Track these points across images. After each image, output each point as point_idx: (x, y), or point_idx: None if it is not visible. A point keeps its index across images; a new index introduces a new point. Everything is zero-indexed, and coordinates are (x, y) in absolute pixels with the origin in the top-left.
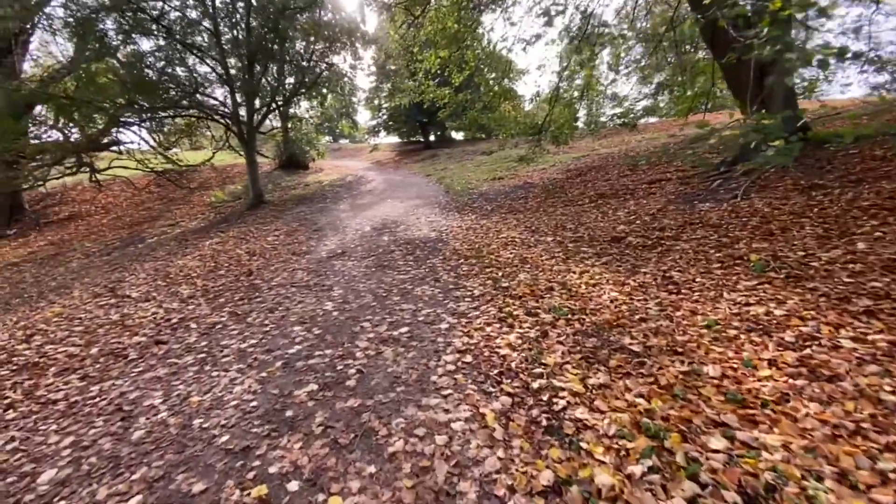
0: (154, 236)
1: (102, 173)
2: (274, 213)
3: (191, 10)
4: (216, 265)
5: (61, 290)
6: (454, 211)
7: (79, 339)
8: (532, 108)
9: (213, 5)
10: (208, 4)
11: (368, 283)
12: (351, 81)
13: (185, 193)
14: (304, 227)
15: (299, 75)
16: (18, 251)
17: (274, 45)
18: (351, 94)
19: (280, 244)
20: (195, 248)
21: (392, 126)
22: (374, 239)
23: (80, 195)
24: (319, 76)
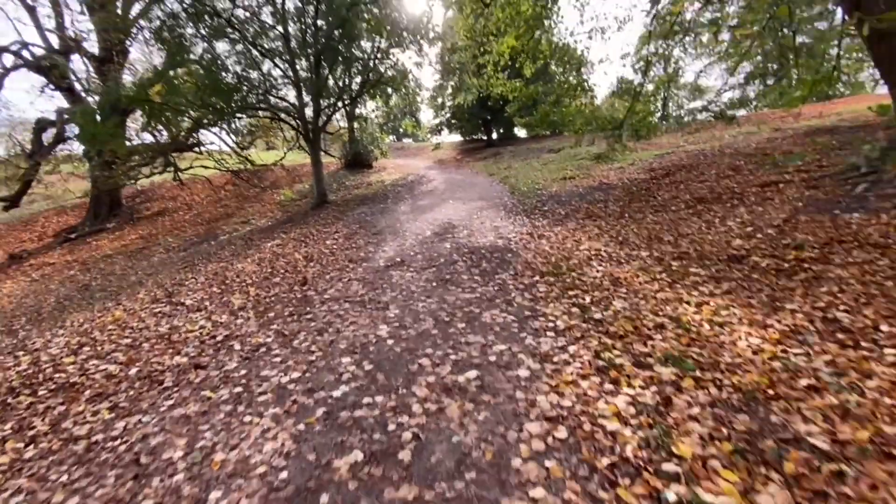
0: (226, 234)
1: (185, 172)
2: (335, 214)
3: (263, 13)
4: (272, 271)
5: (135, 286)
6: (522, 215)
7: (122, 355)
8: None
9: (283, 6)
10: (278, 5)
11: (428, 303)
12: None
13: (258, 192)
14: (363, 229)
15: (365, 74)
16: (114, 244)
17: (340, 44)
18: (415, 93)
19: (338, 249)
20: (256, 250)
21: (455, 124)
22: (435, 246)
23: (167, 192)
24: (384, 75)
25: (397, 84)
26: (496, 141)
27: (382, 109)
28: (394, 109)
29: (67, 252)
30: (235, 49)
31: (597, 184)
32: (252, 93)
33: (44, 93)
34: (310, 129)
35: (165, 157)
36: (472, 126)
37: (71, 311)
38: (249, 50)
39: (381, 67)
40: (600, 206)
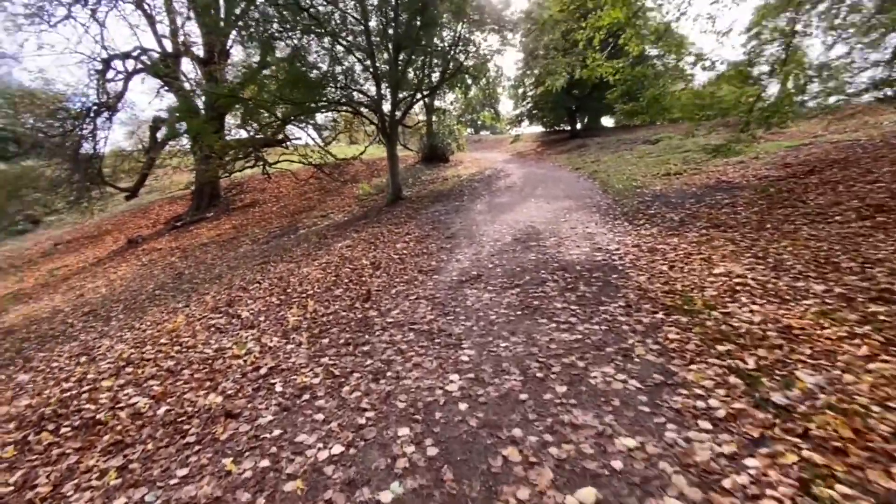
0: (305, 227)
1: (273, 166)
2: (409, 212)
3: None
4: (336, 279)
5: (214, 281)
6: (622, 219)
7: (158, 384)
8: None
9: None
10: None
11: (513, 342)
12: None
13: (339, 185)
14: (436, 231)
15: (444, 64)
16: (211, 232)
17: (420, 32)
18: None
19: (408, 255)
20: (326, 251)
21: (536, 115)
22: (517, 256)
23: (259, 185)
24: (463, 64)
25: (477, 73)
26: (581, 132)
27: (461, 101)
28: (473, 101)
29: (173, 238)
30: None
31: (714, 182)
32: (334, 87)
33: (159, 94)
34: (387, 123)
35: (256, 152)
36: (555, 116)
37: (156, 303)
38: (332, 45)
39: (460, 56)
40: (727, 211)
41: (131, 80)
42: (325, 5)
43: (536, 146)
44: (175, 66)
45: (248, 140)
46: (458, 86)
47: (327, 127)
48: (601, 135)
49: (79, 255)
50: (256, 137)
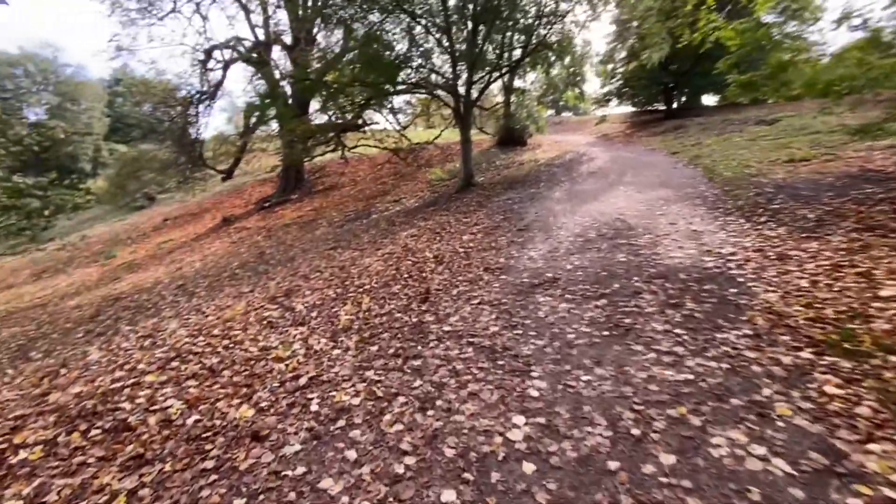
0: (377, 212)
1: (351, 151)
2: (479, 199)
3: None
4: (396, 273)
5: (286, 263)
6: (736, 214)
7: (196, 385)
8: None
9: None
10: None
11: (598, 377)
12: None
13: (413, 169)
14: (507, 222)
15: (525, 39)
16: (293, 214)
17: (501, 4)
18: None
19: (474, 248)
20: (391, 240)
21: (626, 93)
22: (603, 257)
23: (339, 168)
24: (546, 39)
25: (563, 49)
26: (678, 111)
27: (542, 80)
28: (555, 79)
29: (261, 218)
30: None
31: (856, 170)
32: (410, 68)
33: (252, 81)
34: (461, 104)
35: (336, 136)
36: (648, 94)
37: (232, 283)
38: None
39: (544, 31)
40: (884, 209)
41: (229, 68)
42: None
43: (625, 128)
44: (266, 54)
45: (329, 125)
46: (539, 63)
47: (403, 111)
48: (702, 114)
49: (182, 231)
50: (336, 122)
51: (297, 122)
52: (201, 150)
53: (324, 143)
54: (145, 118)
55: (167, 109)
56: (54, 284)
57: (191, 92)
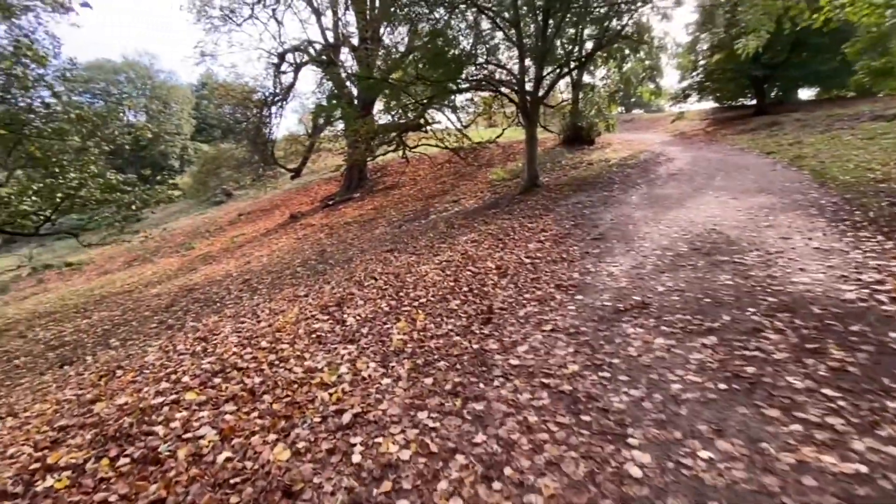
0: (436, 213)
1: (412, 150)
2: (545, 202)
3: None
4: (455, 285)
5: (343, 265)
6: (870, 229)
7: (233, 411)
8: None
9: None
10: None
11: (723, 454)
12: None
13: (473, 169)
14: (579, 229)
15: (600, 30)
16: (355, 212)
17: None
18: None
19: (542, 259)
20: (449, 245)
21: (709, 88)
22: (703, 277)
23: (399, 168)
24: (623, 29)
25: (639, 41)
26: (769, 106)
27: (615, 75)
28: (629, 73)
29: (325, 216)
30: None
31: None
32: (474, 65)
33: (321, 83)
34: (528, 101)
35: (398, 136)
36: (734, 88)
37: (292, 282)
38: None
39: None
40: None
41: (300, 71)
42: None
43: (705, 125)
44: (335, 56)
45: (391, 125)
46: (613, 57)
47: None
48: (800, 109)
49: (254, 225)
50: (399, 122)
51: (361, 122)
52: (273, 150)
53: (386, 142)
54: (225, 119)
55: (244, 111)
56: (141, 272)
57: (265, 94)
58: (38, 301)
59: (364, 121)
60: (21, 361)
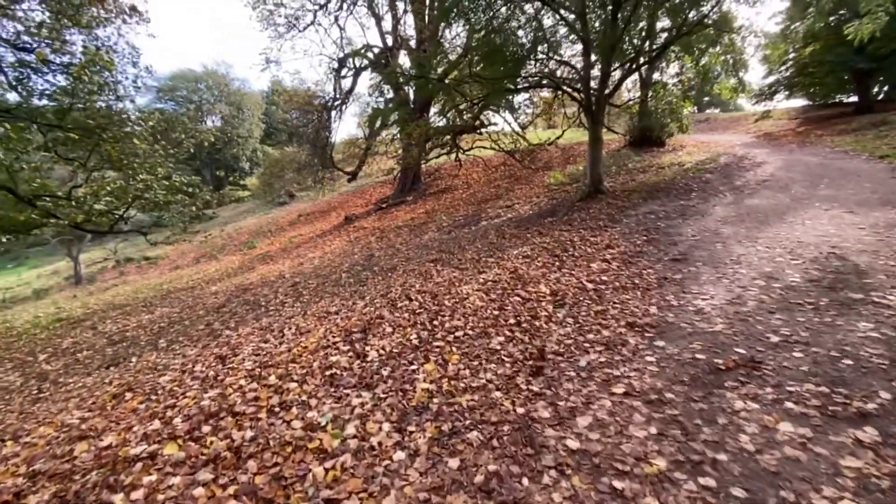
0: (487, 219)
1: (466, 153)
2: (610, 211)
3: None
4: (500, 313)
5: (387, 274)
6: None
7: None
8: None
9: None
10: None
11: None
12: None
13: (530, 172)
14: (652, 246)
15: (675, 20)
16: (407, 215)
17: None
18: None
19: (608, 286)
20: (497, 260)
21: (800, 83)
22: (831, 324)
23: (454, 170)
24: (704, 19)
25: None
26: (874, 104)
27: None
28: (706, 69)
29: (378, 218)
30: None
31: None
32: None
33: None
34: (593, 99)
35: (452, 139)
36: (833, 83)
37: (333, 292)
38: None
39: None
40: None
41: (360, 75)
42: None
43: (795, 125)
44: (393, 59)
45: (445, 128)
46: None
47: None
48: None
49: (311, 227)
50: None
51: (414, 125)
52: (331, 153)
53: (439, 145)
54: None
55: (306, 115)
56: (206, 269)
57: (325, 98)
58: (115, 293)
59: (417, 123)
60: (82, 356)
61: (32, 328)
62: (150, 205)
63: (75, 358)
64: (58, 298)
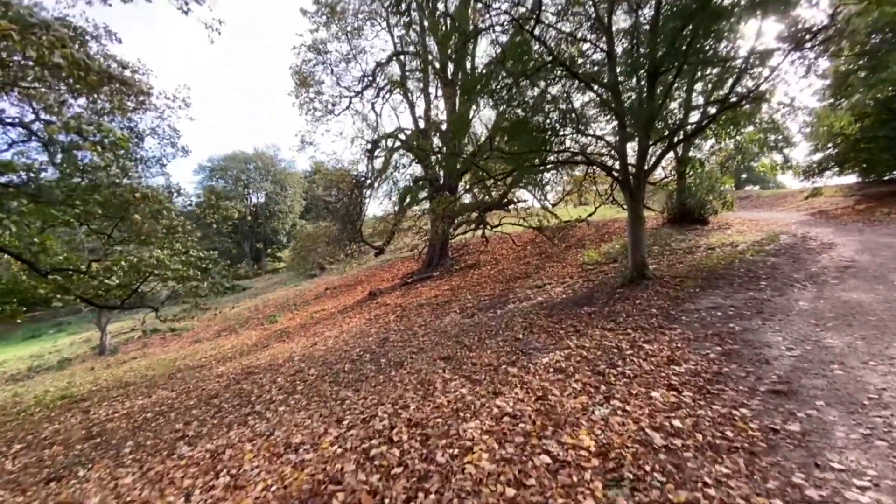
0: (515, 301)
1: (494, 230)
2: (662, 303)
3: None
4: (518, 488)
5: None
6: None
7: None
8: None
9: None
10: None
11: None
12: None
13: (561, 250)
14: (735, 363)
15: (719, 89)
16: (432, 292)
17: (694, 41)
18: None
19: (688, 442)
20: (521, 373)
21: (852, 160)
22: None
23: (482, 245)
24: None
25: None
26: None
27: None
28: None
29: (401, 294)
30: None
31: None
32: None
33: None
34: (630, 175)
35: (480, 215)
36: (891, 159)
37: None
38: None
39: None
40: None
41: (392, 155)
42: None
43: (853, 202)
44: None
45: (472, 204)
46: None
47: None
48: None
49: (335, 301)
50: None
51: (440, 201)
52: (360, 227)
53: (466, 221)
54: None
55: (339, 192)
56: (223, 344)
57: (358, 176)
58: (130, 367)
59: (443, 199)
60: (49, 452)
61: (35, 405)
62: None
63: (40, 456)
64: (76, 370)
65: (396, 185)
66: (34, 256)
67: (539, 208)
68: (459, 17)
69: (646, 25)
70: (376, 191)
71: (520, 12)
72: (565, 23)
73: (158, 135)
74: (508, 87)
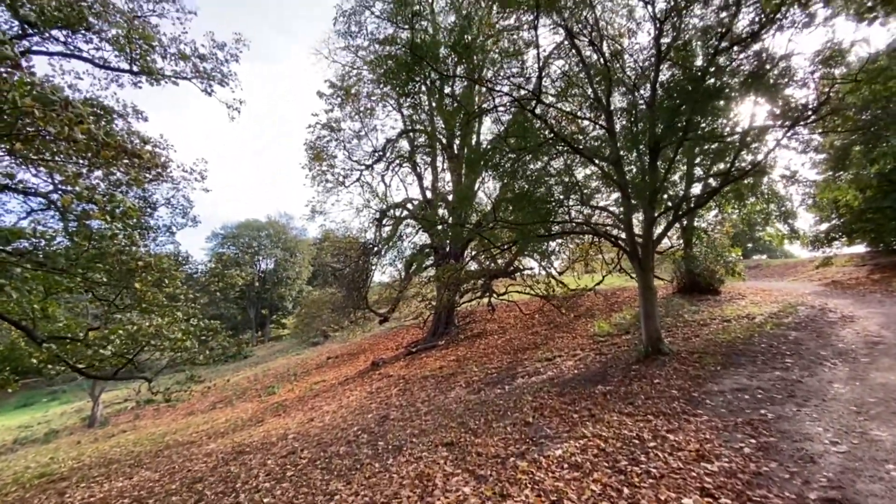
0: (524, 375)
1: (500, 298)
2: (682, 384)
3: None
4: None
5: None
6: None
7: None
8: None
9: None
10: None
11: None
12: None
13: (569, 319)
14: (775, 462)
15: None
16: (437, 363)
17: (691, 118)
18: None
19: None
20: (531, 467)
21: (859, 230)
22: None
23: (486, 314)
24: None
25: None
26: None
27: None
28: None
29: (405, 365)
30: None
31: None
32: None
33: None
34: (638, 245)
35: (486, 283)
36: None
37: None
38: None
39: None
40: None
41: (400, 224)
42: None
43: (866, 272)
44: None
45: (477, 272)
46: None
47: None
48: None
49: (336, 371)
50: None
51: (445, 269)
52: (366, 294)
53: (471, 289)
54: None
55: (346, 259)
56: (216, 417)
57: (366, 245)
58: (117, 441)
59: (448, 267)
60: None
61: (12, 483)
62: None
63: None
64: (62, 444)
65: (402, 253)
66: (33, 323)
67: (545, 276)
68: (464, 98)
69: (643, 105)
70: (383, 257)
71: (521, 94)
72: (565, 103)
73: (172, 205)
74: (511, 161)
